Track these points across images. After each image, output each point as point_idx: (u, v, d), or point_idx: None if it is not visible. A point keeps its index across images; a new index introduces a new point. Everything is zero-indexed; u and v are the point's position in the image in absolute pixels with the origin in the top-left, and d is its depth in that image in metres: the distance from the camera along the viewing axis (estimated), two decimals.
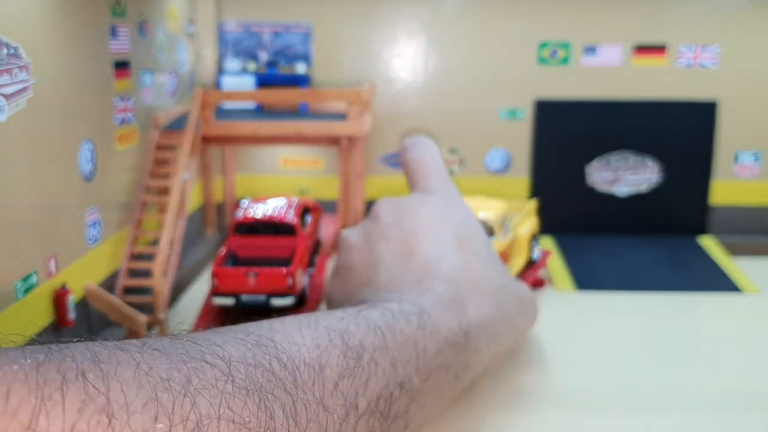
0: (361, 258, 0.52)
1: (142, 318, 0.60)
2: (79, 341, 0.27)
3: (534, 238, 0.78)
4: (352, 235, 0.54)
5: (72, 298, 0.56)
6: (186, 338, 0.30)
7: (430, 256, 0.49)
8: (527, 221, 0.78)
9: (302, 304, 0.69)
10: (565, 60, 0.91)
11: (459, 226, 0.52)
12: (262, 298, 0.63)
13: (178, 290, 0.73)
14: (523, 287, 0.55)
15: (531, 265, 0.78)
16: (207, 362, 0.28)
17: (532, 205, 0.81)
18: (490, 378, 0.59)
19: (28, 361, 0.24)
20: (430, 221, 0.52)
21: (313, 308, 0.69)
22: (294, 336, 0.33)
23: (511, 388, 0.57)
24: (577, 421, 0.52)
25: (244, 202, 0.69)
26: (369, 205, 0.93)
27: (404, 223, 0.52)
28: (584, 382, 0.58)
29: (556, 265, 0.83)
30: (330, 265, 0.70)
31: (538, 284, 0.78)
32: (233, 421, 0.26)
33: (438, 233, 0.51)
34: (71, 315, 0.56)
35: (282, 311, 0.69)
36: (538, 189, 0.93)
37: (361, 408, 0.34)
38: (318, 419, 0.31)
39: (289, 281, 0.63)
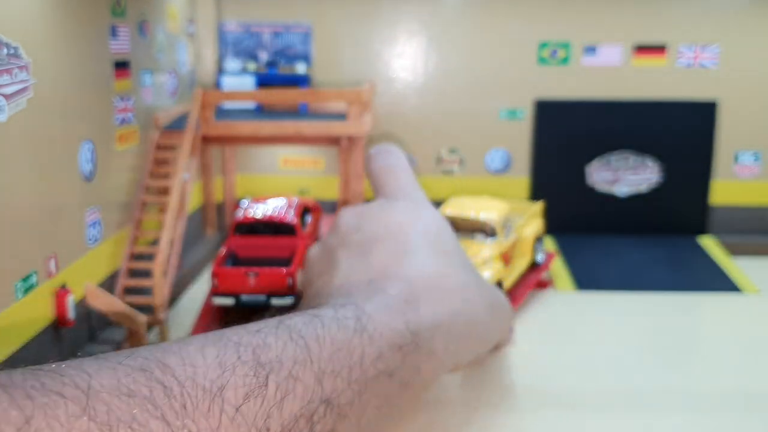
0: (318, 268, 0.50)
1: (142, 318, 0.60)
2: None
3: (538, 241, 0.77)
4: (313, 250, 0.52)
5: (72, 298, 0.56)
6: (53, 367, 0.27)
7: (388, 259, 0.46)
8: (532, 223, 0.77)
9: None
10: (565, 60, 0.91)
11: (426, 227, 0.49)
12: (262, 298, 0.63)
13: (178, 290, 0.73)
14: (495, 290, 0.52)
15: (534, 267, 0.77)
16: (63, 396, 0.25)
17: (538, 207, 0.80)
18: (490, 378, 0.59)
19: None
20: (392, 224, 0.49)
21: None
22: (193, 357, 0.30)
23: (510, 388, 0.57)
24: (577, 421, 0.52)
25: (244, 202, 0.69)
26: None
27: (365, 228, 0.49)
28: (584, 382, 0.58)
29: (556, 266, 0.83)
30: None
31: (541, 286, 0.78)
32: None
33: (401, 235, 0.48)
34: (71, 315, 0.56)
35: (282, 311, 0.70)
36: (538, 189, 0.93)
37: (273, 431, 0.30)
38: None
39: (289, 281, 0.63)
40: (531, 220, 0.78)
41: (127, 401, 0.26)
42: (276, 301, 0.63)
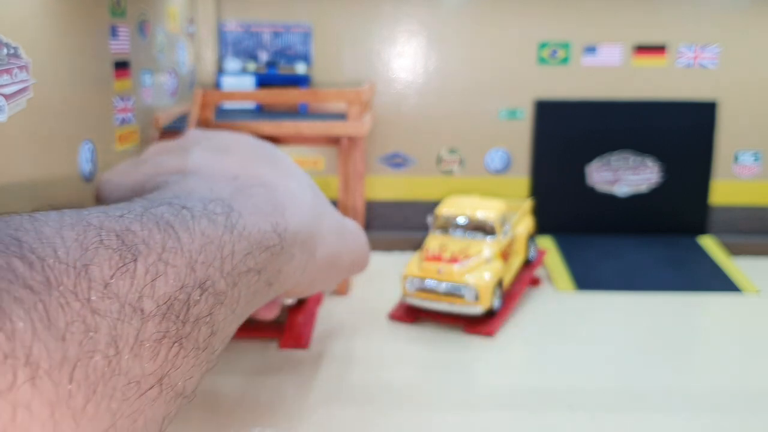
0: (166, 150, 0.50)
1: None
2: None
3: (531, 238, 0.78)
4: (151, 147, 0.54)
5: None
6: None
7: (245, 163, 0.47)
8: (524, 221, 0.78)
9: (302, 302, 0.69)
10: (565, 60, 0.91)
11: (269, 148, 0.52)
12: None
13: None
14: (348, 220, 0.56)
15: (528, 264, 0.78)
16: None
17: (528, 204, 0.81)
18: (489, 377, 0.59)
19: None
20: (239, 138, 0.52)
21: (314, 307, 0.69)
22: (51, 238, 0.28)
23: (510, 388, 0.57)
24: (576, 421, 0.52)
25: None
26: (369, 205, 0.94)
27: (215, 138, 0.52)
28: (584, 382, 0.58)
29: (556, 265, 0.83)
30: None
31: (534, 283, 0.78)
32: None
33: (248, 148, 0.50)
34: None
35: (282, 310, 0.70)
36: (538, 189, 0.93)
37: (148, 310, 0.29)
38: (83, 320, 0.26)
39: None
40: (523, 217, 0.78)
41: None
42: None
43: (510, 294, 0.72)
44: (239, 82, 0.91)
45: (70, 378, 0.24)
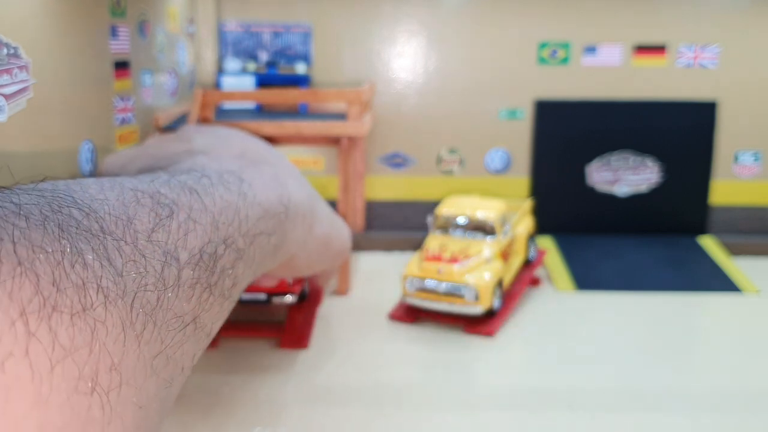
0: (169, 138, 0.55)
1: None
2: None
3: (531, 238, 0.78)
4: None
5: None
6: None
7: (244, 145, 0.53)
8: (524, 221, 0.78)
9: (302, 302, 0.69)
10: (565, 60, 0.91)
11: (260, 141, 0.57)
12: (262, 296, 0.63)
13: None
14: (336, 214, 0.61)
15: (528, 264, 0.78)
16: None
17: (528, 204, 0.81)
18: (489, 377, 0.59)
19: None
20: (233, 130, 0.57)
21: (314, 307, 0.69)
22: (96, 195, 0.32)
23: (510, 388, 0.57)
24: (576, 421, 0.52)
25: None
26: (369, 205, 0.94)
27: (211, 129, 0.56)
28: (584, 382, 0.58)
29: (556, 265, 0.83)
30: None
31: (534, 283, 0.78)
32: (32, 247, 0.24)
33: (247, 138, 0.56)
34: None
35: (284, 309, 0.70)
36: (538, 189, 0.93)
37: (183, 259, 0.33)
38: (135, 261, 0.30)
39: (289, 280, 0.63)
40: (523, 217, 0.78)
41: (50, 215, 0.27)
42: (277, 300, 0.64)
43: (510, 294, 0.72)
44: (239, 82, 0.91)
45: (131, 306, 0.28)
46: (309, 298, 0.70)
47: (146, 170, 0.49)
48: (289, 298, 0.63)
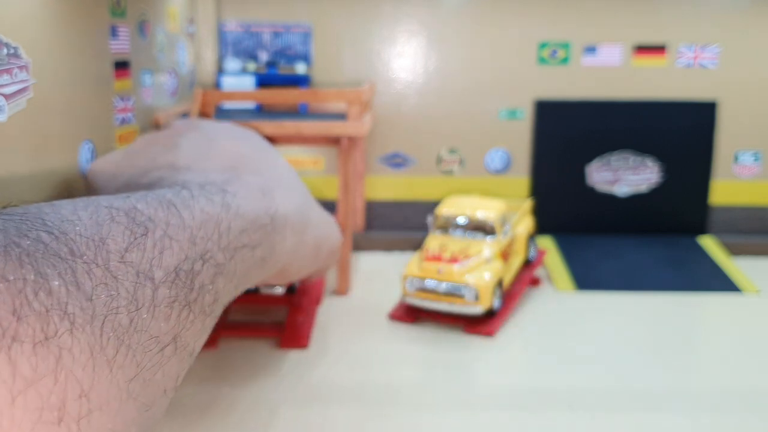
0: (156, 142, 0.53)
1: None
2: None
3: (531, 238, 0.78)
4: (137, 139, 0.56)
5: None
6: None
7: (233, 151, 0.51)
8: (524, 221, 0.78)
9: (302, 301, 0.69)
10: (565, 60, 0.91)
11: (254, 137, 0.56)
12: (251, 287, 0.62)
13: None
14: (324, 211, 0.60)
15: (528, 264, 0.78)
16: None
17: (528, 204, 0.81)
18: (489, 377, 0.59)
19: None
20: (226, 128, 0.55)
21: (314, 307, 0.69)
22: (68, 216, 0.31)
23: (510, 388, 0.57)
24: (576, 421, 0.52)
25: None
26: (369, 205, 0.94)
27: (202, 126, 0.55)
28: (584, 382, 0.58)
29: (556, 265, 0.83)
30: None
31: (534, 283, 0.78)
32: None
33: (235, 138, 0.54)
34: None
35: (275, 300, 0.70)
36: (538, 189, 0.93)
37: (158, 278, 0.32)
38: (106, 284, 0.29)
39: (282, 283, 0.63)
40: (523, 217, 0.78)
41: (16, 240, 0.27)
42: (265, 290, 0.63)
43: (510, 294, 0.72)
44: (239, 82, 0.91)
45: (101, 331, 0.27)
46: (309, 299, 0.70)
47: (130, 185, 0.49)
48: (278, 290, 0.63)
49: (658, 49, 0.90)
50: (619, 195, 0.93)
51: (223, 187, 0.43)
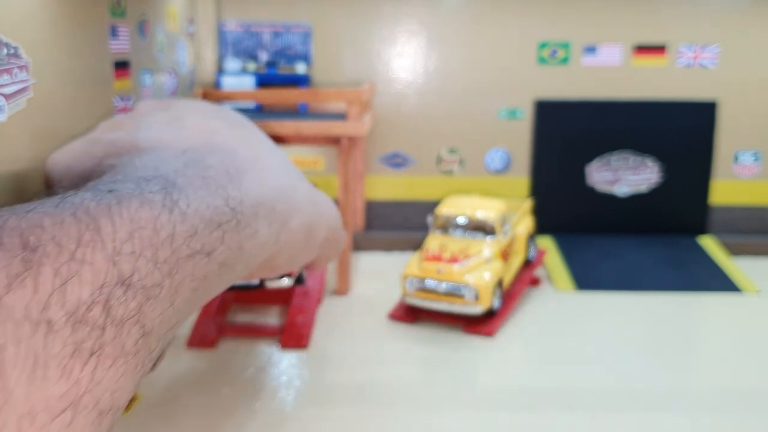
0: (119, 126, 0.46)
1: None
2: None
3: (531, 238, 0.78)
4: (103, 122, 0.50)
5: None
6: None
7: (202, 129, 0.44)
8: (524, 221, 0.78)
9: (302, 301, 0.69)
10: (565, 60, 0.91)
11: (230, 113, 0.48)
12: (254, 281, 0.61)
13: None
14: (321, 192, 0.52)
15: (528, 264, 0.78)
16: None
17: (528, 204, 0.81)
18: (489, 377, 0.59)
19: None
20: (196, 105, 0.48)
21: (314, 307, 0.69)
22: None
23: (510, 388, 0.57)
24: (576, 421, 0.52)
25: None
26: (369, 205, 0.94)
27: (173, 105, 0.48)
28: (584, 382, 0.58)
29: (556, 265, 0.83)
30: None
31: (534, 283, 0.78)
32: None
33: (205, 115, 0.46)
34: None
35: (279, 294, 0.69)
36: (538, 189, 0.93)
37: (56, 321, 0.25)
38: None
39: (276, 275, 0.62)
40: (523, 217, 0.78)
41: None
42: (270, 284, 0.63)
43: (510, 294, 0.72)
44: (239, 82, 0.91)
45: None
46: (309, 299, 0.70)
47: (85, 177, 0.41)
48: (285, 281, 0.62)
49: (658, 49, 0.90)
50: (619, 195, 0.93)
51: (173, 179, 0.36)
